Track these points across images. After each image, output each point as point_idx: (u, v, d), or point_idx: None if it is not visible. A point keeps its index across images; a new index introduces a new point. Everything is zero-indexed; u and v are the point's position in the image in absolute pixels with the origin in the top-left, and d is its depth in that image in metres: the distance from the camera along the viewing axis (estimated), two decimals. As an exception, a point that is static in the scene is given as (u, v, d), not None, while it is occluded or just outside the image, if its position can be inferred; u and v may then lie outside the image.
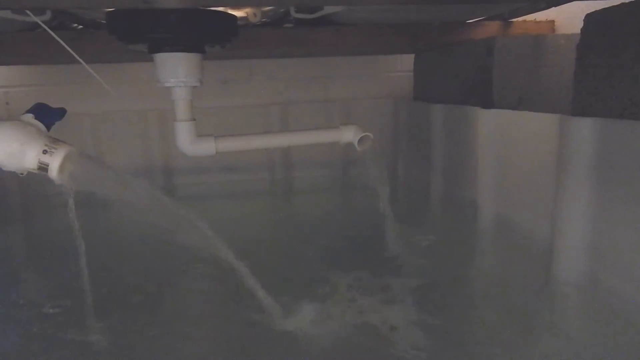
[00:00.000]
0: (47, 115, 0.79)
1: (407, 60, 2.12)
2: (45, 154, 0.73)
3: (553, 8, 1.37)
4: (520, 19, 1.49)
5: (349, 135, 1.18)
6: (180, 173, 2.08)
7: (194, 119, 1.11)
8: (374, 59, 2.21)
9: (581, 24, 0.96)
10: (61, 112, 0.82)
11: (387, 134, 2.14)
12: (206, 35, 1.03)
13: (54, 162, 0.73)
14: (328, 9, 1.25)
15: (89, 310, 0.86)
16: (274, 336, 0.83)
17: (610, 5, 0.89)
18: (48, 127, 0.79)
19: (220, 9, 1.05)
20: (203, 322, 0.94)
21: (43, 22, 1.03)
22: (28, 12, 1.01)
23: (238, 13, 1.18)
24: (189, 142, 1.11)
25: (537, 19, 1.50)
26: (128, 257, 1.28)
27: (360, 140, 1.16)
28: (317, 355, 0.78)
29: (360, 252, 1.24)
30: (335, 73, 2.21)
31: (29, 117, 0.77)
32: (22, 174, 0.76)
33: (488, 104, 1.33)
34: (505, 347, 0.79)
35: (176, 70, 1.04)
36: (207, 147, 1.11)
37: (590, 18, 0.94)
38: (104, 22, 1.21)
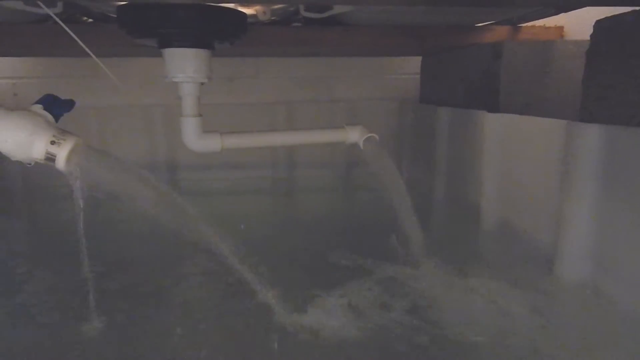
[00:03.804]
0: (56, 107, 0.80)
1: (413, 63, 2.12)
2: (53, 144, 0.74)
3: (562, 14, 1.37)
4: (529, 24, 1.49)
5: (354, 135, 1.18)
6: (184, 169, 2.09)
7: (201, 115, 1.11)
8: (381, 61, 2.21)
9: (590, 31, 0.96)
10: (70, 104, 0.83)
11: (392, 135, 2.14)
12: (216, 31, 1.04)
13: (62, 153, 0.74)
14: (337, 9, 1.25)
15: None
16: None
17: (621, 12, 0.89)
18: (56, 119, 0.80)
19: (231, 5, 1.05)
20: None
21: (54, 14, 1.04)
22: (40, 3, 1.01)
23: (248, 10, 1.19)
24: (195, 138, 1.11)
25: (546, 25, 1.50)
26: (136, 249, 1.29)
27: (365, 141, 1.16)
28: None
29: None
30: (342, 73, 2.21)
31: (38, 107, 0.78)
32: (29, 164, 0.76)
33: (494, 108, 1.33)
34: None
35: (185, 65, 1.04)
36: (213, 144, 1.11)
37: (600, 25, 0.94)
38: (114, 15, 1.22)
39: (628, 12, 0.87)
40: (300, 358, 0.79)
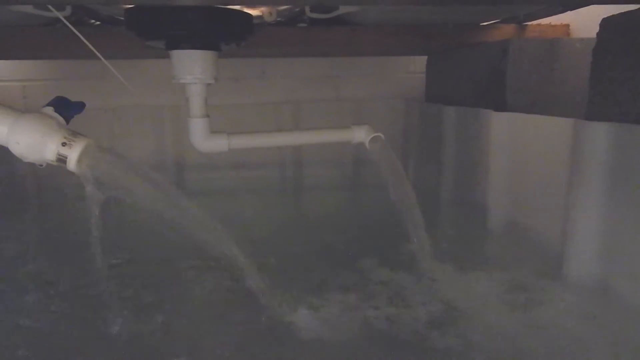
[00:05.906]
0: (66, 109, 0.81)
1: (419, 62, 2.12)
2: (64, 146, 0.74)
3: (568, 12, 1.37)
4: (535, 22, 1.49)
5: (360, 135, 1.18)
6: (191, 169, 2.10)
7: (208, 116, 1.12)
8: (387, 60, 2.21)
9: (596, 28, 0.96)
10: (80, 106, 0.84)
11: (398, 135, 2.14)
12: (223, 33, 1.04)
13: (73, 155, 0.74)
14: (343, 9, 1.25)
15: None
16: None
17: (628, 9, 0.89)
18: (67, 120, 0.81)
19: (237, 7, 1.06)
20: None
21: (63, 17, 1.05)
22: (50, 7, 1.02)
23: (254, 12, 1.20)
24: (202, 139, 1.12)
25: (552, 23, 1.50)
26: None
27: (371, 141, 1.16)
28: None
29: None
30: (348, 73, 2.21)
31: (49, 109, 0.79)
32: (41, 165, 0.77)
33: (501, 107, 1.33)
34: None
35: (192, 67, 1.05)
36: (220, 144, 1.12)
37: (607, 22, 0.94)
38: (122, 18, 1.23)
39: (636, 9, 0.87)
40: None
